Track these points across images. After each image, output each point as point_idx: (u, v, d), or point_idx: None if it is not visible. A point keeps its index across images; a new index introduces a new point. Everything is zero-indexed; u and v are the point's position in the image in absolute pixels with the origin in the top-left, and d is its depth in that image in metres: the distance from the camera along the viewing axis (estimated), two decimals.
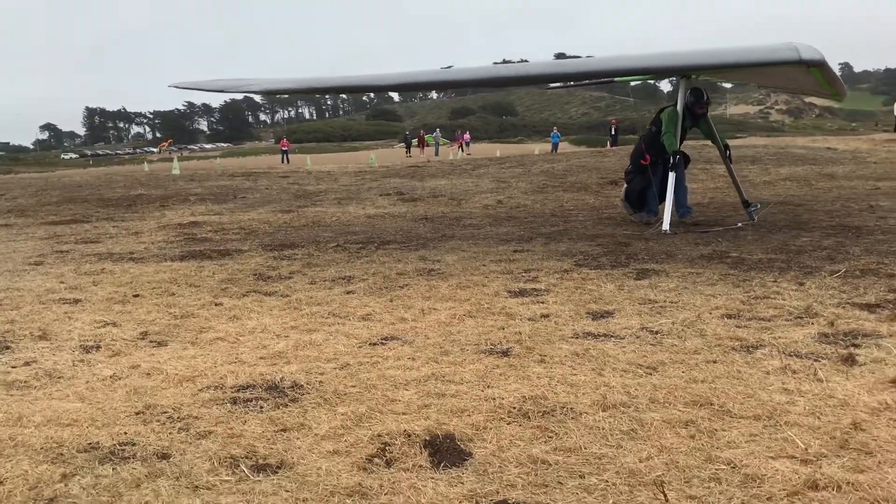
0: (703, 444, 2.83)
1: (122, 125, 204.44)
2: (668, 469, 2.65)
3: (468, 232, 8.66)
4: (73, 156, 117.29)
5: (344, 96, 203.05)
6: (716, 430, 2.97)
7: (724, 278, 5.56)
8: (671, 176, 8.10)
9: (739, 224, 8.09)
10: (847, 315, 4.47)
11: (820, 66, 6.78)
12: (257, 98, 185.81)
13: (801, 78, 8.35)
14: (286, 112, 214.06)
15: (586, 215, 9.91)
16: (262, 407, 3.34)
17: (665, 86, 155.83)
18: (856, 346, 3.92)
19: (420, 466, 2.74)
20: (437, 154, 45.45)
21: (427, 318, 4.78)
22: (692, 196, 10.07)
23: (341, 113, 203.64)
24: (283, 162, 42.84)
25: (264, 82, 8.01)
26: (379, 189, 14.55)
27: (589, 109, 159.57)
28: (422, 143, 49.62)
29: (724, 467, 2.65)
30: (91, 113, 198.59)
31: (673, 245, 7.04)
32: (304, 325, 4.73)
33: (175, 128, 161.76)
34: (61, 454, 2.89)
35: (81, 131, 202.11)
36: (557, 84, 17.79)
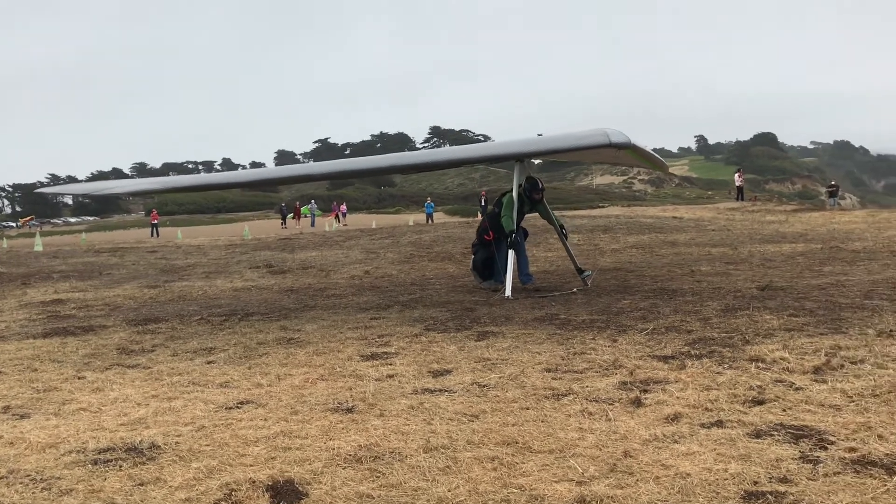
0: (502, 474, 3.42)
1: None
2: (470, 495, 3.21)
3: (331, 302, 9.14)
4: None
5: (218, 166, 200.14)
6: (516, 462, 3.56)
7: (551, 337, 6.29)
8: (510, 253, 8.99)
9: (575, 289, 8.99)
10: (646, 366, 5.24)
11: (627, 147, 7.86)
12: (126, 169, 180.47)
13: (621, 156, 9.49)
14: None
15: (443, 283, 10.62)
16: (121, 466, 3.67)
17: None
18: (646, 391, 4.65)
19: None
20: (312, 225, 45.71)
21: (282, 383, 5.22)
22: (541, 264, 10.96)
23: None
24: (152, 236, 41.87)
25: (128, 184, 8.44)
26: (249, 262, 14.80)
27: (464, 180, 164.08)
28: (297, 215, 49.77)
29: (516, 490, 3.23)
30: None
31: (512, 309, 7.80)
32: (164, 394, 5.05)
33: (37, 201, 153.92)
34: None
35: None
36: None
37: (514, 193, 9.29)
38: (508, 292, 8.63)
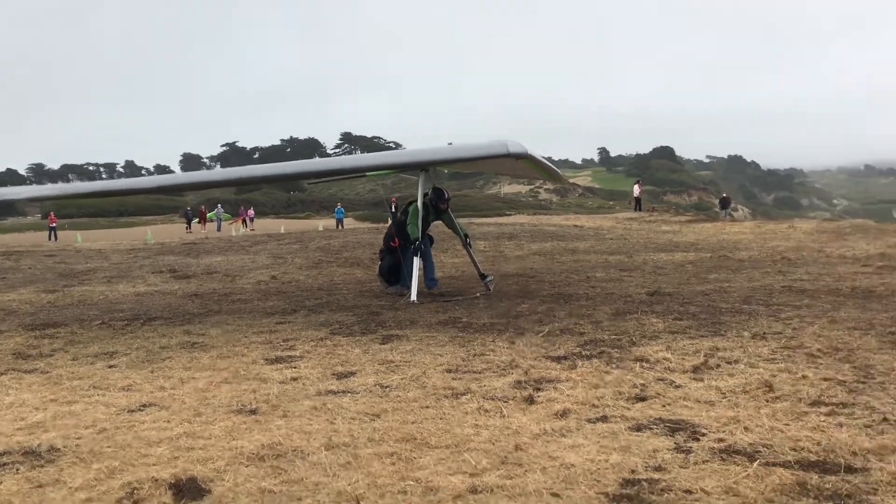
0: (400, 469, 3.60)
1: None
2: (369, 488, 3.38)
3: (236, 307, 9.13)
4: None
5: (121, 168, 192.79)
6: (414, 457, 3.75)
7: (453, 340, 6.53)
8: (415, 260, 9.25)
9: (478, 294, 9.29)
10: (540, 366, 5.54)
11: (525, 157, 8.24)
12: (21, 171, 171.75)
13: (520, 167, 9.87)
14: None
15: (351, 288, 10.74)
16: (18, 469, 3.67)
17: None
18: (539, 389, 4.93)
19: (163, 503, 3.27)
20: (219, 230, 44.78)
21: (185, 386, 5.25)
22: (448, 269, 11.22)
23: None
24: (50, 239, 40.09)
25: (23, 191, 8.25)
26: (152, 267, 14.51)
27: (375, 186, 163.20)
28: (203, 219, 48.65)
29: (413, 483, 3.42)
30: None
31: (417, 313, 8.01)
32: (63, 398, 5.01)
33: None
34: None
35: None
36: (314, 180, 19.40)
37: (420, 202, 9.53)
38: (413, 297, 8.86)
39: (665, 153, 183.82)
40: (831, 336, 6.10)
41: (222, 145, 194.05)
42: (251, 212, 50.74)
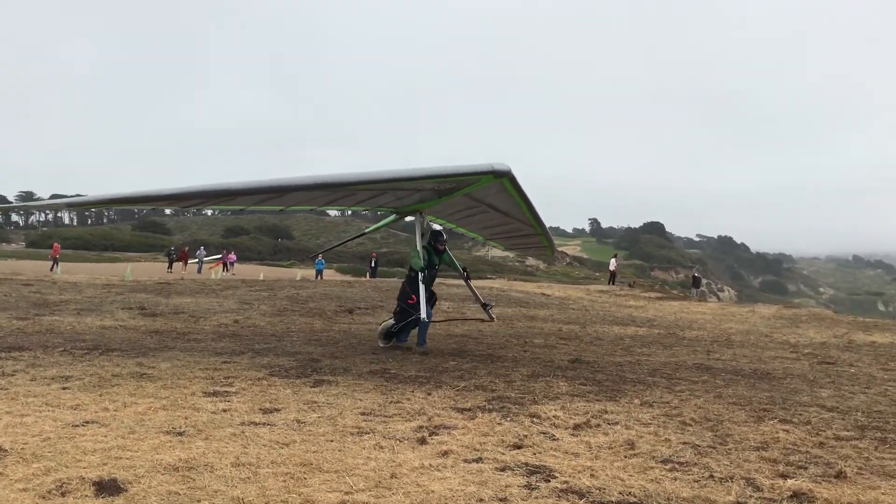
0: (290, 485, 4.33)
1: None
2: (258, 497, 4.10)
3: (190, 345, 9.85)
4: None
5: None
6: (305, 478, 4.48)
7: (377, 388, 7.27)
8: (422, 287, 10.14)
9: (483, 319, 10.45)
10: (444, 415, 6.28)
11: (507, 175, 8.68)
12: (10, 197, 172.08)
13: (505, 201, 10.17)
14: (42, 214, 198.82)
15: (302, 336, 11.47)
16: None
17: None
18: (434, 434, 5.66)
19: (85, 496, 3.98)
20: (199, 272, 45.38)
21: (126, 409, 5.96)
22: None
23: (105, 221, 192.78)
24: (52, 270, 39.71)
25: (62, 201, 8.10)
26: (122, 303, 15.19)
27: (364, 240, 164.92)
28: (184, 260, 49.26)
29: (296, 496, 4.14)
30: None
31: (352, 362, 8.75)
32: (18, 411, 5.71)
33: None
34: None
35: None
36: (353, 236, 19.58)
37: (419, 243, 10.39)
38: (424, 315, 9.83)
39: (655, 229, 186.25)
40: (709, 409, 6.88)
41: None
42: (232, 256, 51.34)
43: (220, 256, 52.15)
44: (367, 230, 15.32)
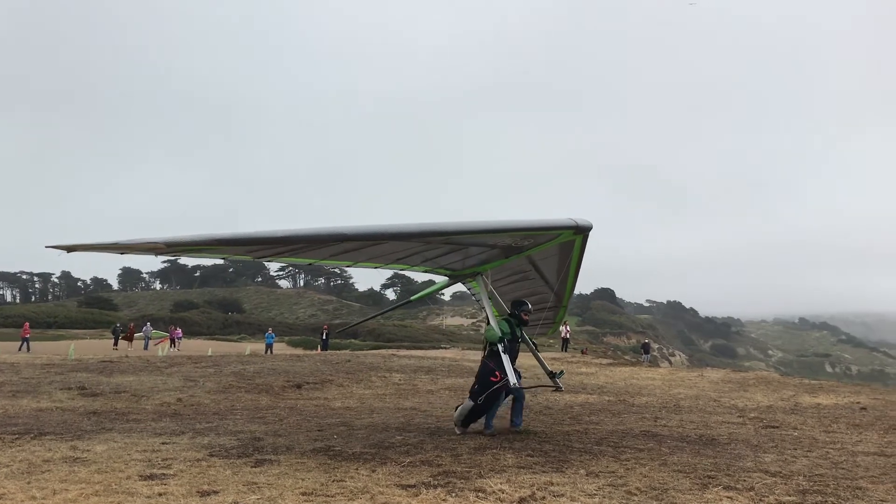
0: None
1: None
2: None
3: (129, 426, 9.55)
4: None
5: (56, 279, 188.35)
6: None
7: (320, 466, 7.12)
8: (505, 357, 9.30)
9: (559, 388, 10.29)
10: (388, 493, 6.16)
11: (590, 229, 8.49)
12: None
13: (552, 279, 9.86)
14: None
15: (246, 414, 11.22)
16: None
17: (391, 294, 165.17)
18: None
19: None
20: (146, 348, 44.25)
21: (56, 497, 5.73)
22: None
23: (50, 297, 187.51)
24: (20, 350, 37.90)
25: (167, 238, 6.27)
26: (62, 383, 14.70)
27: (317, 311, 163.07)
28: (130, 337, 48.00)
29: None
30: None
31: (295, 441, 8.57)
32: None
33: None
34: None
35: None
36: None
37: (488, 309, 9.73)
38: (513, 380, 9.07)
39: (606, 295, 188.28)
40: (654, 477, 6.88)
41: (163, 261, 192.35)
42: (179, 332, 50.21)
43: (167, 333, 50.97)
44: (412, 297, 13.66)
